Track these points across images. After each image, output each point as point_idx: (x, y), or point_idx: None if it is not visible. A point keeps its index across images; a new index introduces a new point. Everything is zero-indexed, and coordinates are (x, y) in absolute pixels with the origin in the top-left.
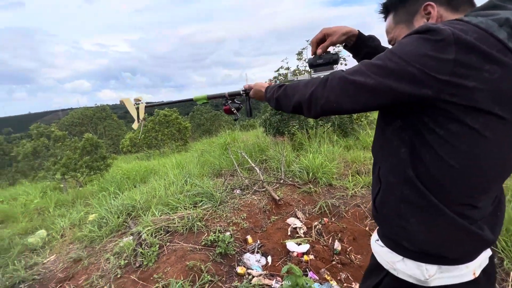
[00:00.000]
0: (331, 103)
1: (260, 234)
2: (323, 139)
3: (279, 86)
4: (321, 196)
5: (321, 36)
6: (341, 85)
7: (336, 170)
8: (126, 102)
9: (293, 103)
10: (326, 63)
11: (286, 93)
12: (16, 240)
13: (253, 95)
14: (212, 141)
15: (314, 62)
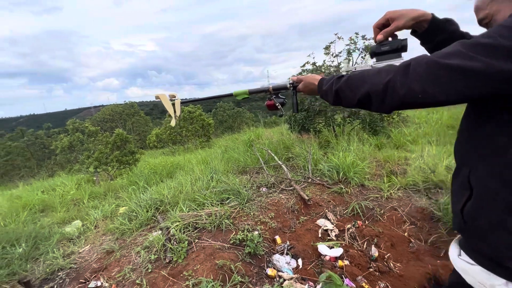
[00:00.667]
0: (414, 93)
1: (289, 234)
2: (351, 137)
3: (338, 77)
4: (352, 197)
5: (383, 21)
6: (431, 72)
7: (368, 170)
8: (162, 98)
9: (359, 95)
10: (392, 51)
11: (349, 84)
12: (55, 229)
13: (303, 88)
14: (235, 138)
15: (377, 49)
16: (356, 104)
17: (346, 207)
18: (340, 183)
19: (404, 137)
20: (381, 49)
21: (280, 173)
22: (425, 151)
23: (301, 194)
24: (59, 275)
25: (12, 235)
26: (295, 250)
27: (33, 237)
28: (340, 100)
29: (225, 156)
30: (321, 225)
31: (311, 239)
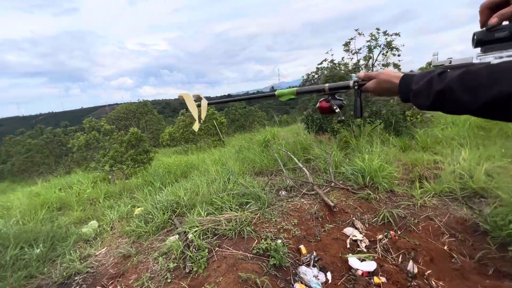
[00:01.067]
0: None
1: (314, 244)
2: (372, 138)
3: (439, 73)
4: (381, 204)
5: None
6: None
7: (396, 175)
8: (186, 98)
9: (487, 99)
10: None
11: (467, 83)
12: (72, 229)
13: (374, 87)
14: (250, 138)
15: (487, 37)
16: (476, 110)
17: (375, 215)
18: (366, 188)
19: (431, 138)
20: (494, 36)
21: (299, 175)
22: (460, 154)
23: (326, 199)
24: (76, 280)
25: (30, 235)
26: (322, 262)
27: (51, 237)
28: (443, 104)
29: (239, 156)
30: (348, 234)
31: (339, 249)
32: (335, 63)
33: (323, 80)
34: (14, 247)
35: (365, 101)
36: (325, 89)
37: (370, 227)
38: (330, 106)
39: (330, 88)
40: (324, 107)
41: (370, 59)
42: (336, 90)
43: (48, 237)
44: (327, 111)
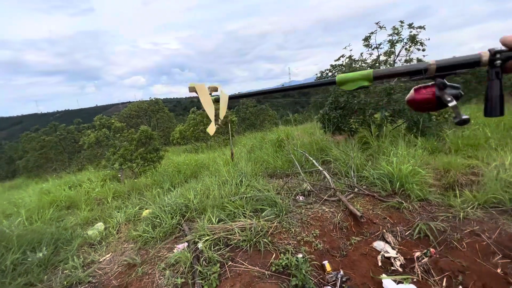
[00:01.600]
0: None
1: (340, 259)
2: (395, 139)
3: None
4: (415, 214)
5: None
6: None
7: (430, 181)
8: (199, 90)
9: None
10: None
11: None
12: (77, 231)
13: None
14: (262, 137)
15: None
16: None
17: (408, 227)
18: (396, 196)
19: (462, 140)
20: None
21: (318, 179)
22: (503, 158)
23: (351, 208)
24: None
25: (35, 236)
26: (351, 283)
27: (55, 239)
28: None
29: (251, 156)
30: (379, 250)
31: (369, 267)
32: (353, 59)
33: None
34: (17, 250)
35: (386, 98)
36: (430, 68)
37: (403, 241)
38: (438, 98)
39: (440, 67)
40: (426, 99)
41: (392, 55)
42: (450, 70)
43: (52, 240)
44: (430, 105)
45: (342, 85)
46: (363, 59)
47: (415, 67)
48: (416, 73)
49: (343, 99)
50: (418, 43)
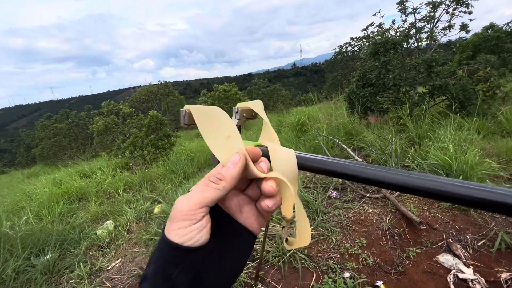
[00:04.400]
0: None
1: (397, 279)
2: (436, 119)
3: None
4: (487, 218)
5: None
6: None
7: (495, 172)
8: (196, 115)
9: None
10: None
11: None
12: (86, 230)
13: None
14: (279, 119)
15: None
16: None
17: (480, 235)
18: None
19: None
20: None
21: None
22: None
23: (404, 210)
24: None
25: (41, 237)
26: None
27: (61, 240)
28: None
29: None
30: (447, 266)
31: None
32: (383, 27)
33: (372, 49)
34: (21, 254)
35: (427, 72)
36: None
37: (477, 254)
38: None
39: None
40: None
41: (432, 20)
42: None
43: (59, 241)
44: None
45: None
46: (397, 27)
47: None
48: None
49: (374, 74)
50: (464, 4)
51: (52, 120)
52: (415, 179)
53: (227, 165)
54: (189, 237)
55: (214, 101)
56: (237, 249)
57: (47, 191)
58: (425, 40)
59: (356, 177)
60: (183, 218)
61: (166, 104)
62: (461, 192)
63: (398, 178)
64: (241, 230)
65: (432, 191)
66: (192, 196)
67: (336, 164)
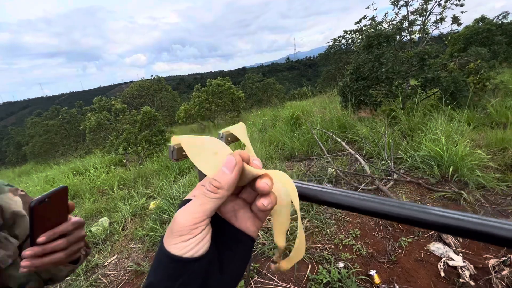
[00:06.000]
0: None
1: (389, 267)
2: (428, 112)
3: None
4: (476, 207)
5: None
6: None
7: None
8: (187, 147)
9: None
10: None
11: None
12: None
13: None
14: (273, 114)
15: None
16: None
17: None
18: (448, 183)
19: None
20: None
21: (343, 163)
22: None
23: None
24: None
25: None
26: None
27: None
28: None
29: (264, 136)
30: (438, 254)
31: (429, 279)
32: (376, 20)
33: (365, 42)
34: None
35: (419, 65)
36: None
37: (466, 242)
38: None
39: None
40: None
41: (424, 13)
42: None
43: None
44: None
45: None
46: (390, 19)
47: None
48: None
49: (367, 67)
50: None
51: (42, 117)
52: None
53: (223, 170)
54: (189, 248)
55: (208, 95)
56: (237, 254)
57: (39, 189)
58: (418, 33)
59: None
60: (184, 233)
61: (159, 99)
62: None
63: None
64: (239, 234)
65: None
66: (192, 209)
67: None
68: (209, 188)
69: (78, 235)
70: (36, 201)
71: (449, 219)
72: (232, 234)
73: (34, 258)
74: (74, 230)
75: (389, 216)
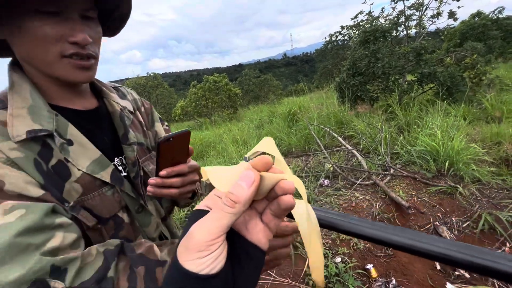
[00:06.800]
0: None
1: (386, 261)
2: (424, 107)
3: None
4: (472, 201)
5: None
6: None
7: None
8: (212, 176)
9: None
10: None
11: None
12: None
13: None
14: (271, 110)
15: None
16: None
17: (465, 217)
18: (444, 177)
19: (506, 105)
20: None
21: (341, 159)
22: None
23: (393, 196)
24: None
25: None
26: None
27: None
28: None
29: (261, 132)
30: None
31: (425, 272)
32: (372, 15)
33: (362, 37)
34: None
35: (416, 60)
36: None
37: (462, 235)
38: None
39: None
40: None
41: (420, 7)
42: None
43: None
44: None
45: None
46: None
47: None
48: None
49: (364, 63)
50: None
51: None
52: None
53: (240, 184)
54: (206, 265)
55: (205, 92)
56: (249, 267)
57: None
58: (414, 27)
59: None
60: (201, 249)
61: (155, 96)
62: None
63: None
64: (250, 247)
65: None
66: (209, 224)
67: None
68: (226, 202)
69: (191, 178)
70: (163, 138)
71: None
72: (243, 247)
73: (154, 187)
74: (189, 173)
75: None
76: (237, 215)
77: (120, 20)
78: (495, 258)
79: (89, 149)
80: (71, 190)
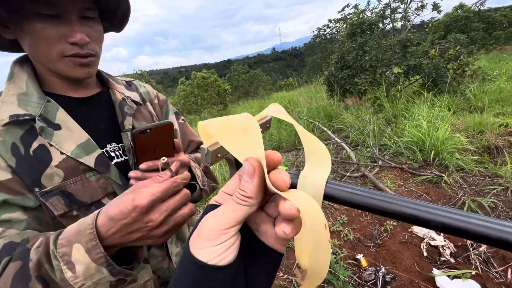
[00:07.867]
0: None
1: (375, 251)
2: (411, 98)
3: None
4: (456, 188)
5: None
6: None
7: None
8: (214, 130)
9: None
10: None
11: None
12: None
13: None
14: (260, 105)
15: None
16: None
17: (450, 204)
18: (429, 167)
19: (488, 95)
20: None
21: (331, 152)
22: None
23: (381, 187)
24: None
25: None
26: (397, 285)
27: None
28: None
29: None
30: (421, 236)
31: (413, 259)
32: (359, 8)
33: (349, 30)
34: None
35: (402, 53)
36: None
37: None
38: None
39: None
40: None
41: (405, 0)
42: None
43: None
44: None
45: None
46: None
47: None
48: None
49: (351, 56)
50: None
51: None
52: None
53: (244, 178)
54: (216, 255)
55: (193, 89)
56: (263, 268)
57: None
58: (400, 20)
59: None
60: (213, 237)
61: None
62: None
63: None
64: (264, 248)
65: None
66: (222, 214)
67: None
68: (238, 196)
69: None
70: (139, 129)
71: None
72: (259, 247)
73: (135, 180)
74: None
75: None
76: (251, 207)
77: (123, 17)
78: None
79: (76, 133)
80: (53, 174)
